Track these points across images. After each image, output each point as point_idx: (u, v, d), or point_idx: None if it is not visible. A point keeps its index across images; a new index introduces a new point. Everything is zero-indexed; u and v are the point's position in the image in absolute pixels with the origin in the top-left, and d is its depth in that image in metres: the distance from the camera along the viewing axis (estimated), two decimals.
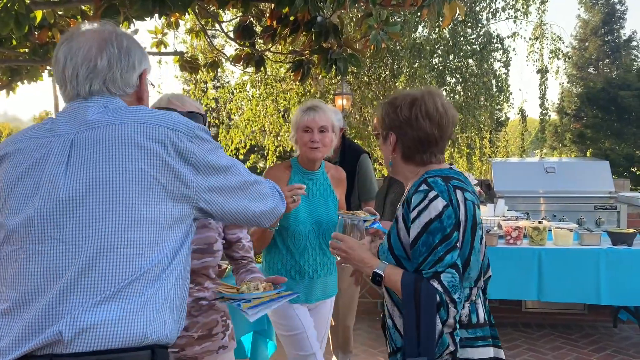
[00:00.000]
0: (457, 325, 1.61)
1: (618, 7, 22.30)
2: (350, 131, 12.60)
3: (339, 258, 1.89)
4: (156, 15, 2.60)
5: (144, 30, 3.86)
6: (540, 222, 4.26)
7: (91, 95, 1.33)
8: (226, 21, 4.27)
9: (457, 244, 1.62)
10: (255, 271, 2.08)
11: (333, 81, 10.38)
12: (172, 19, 3.86)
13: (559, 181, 5.21)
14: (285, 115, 12.05)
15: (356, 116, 12.31)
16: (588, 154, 9.59)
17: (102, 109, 1.32)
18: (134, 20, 2.65)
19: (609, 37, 22.06)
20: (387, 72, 11.63)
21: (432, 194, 1.63)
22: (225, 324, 2.03)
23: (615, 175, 6.97)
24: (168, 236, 1.26)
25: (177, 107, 1.90)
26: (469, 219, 1.67)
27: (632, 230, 4.35)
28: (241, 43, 3.62)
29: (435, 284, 1.57)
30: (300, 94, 11.61)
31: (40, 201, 1.22)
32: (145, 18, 2.47)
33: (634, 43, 22.22)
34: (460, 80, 11.69)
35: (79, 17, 3.28)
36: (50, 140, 1.29)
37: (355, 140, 12.96)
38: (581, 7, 11.95)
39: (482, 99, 11.42)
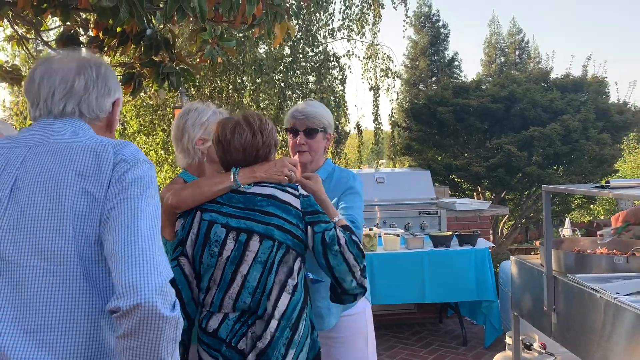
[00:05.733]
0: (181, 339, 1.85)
1: (442, 30, 24.80)
2: None
3: None
4: None
5: None
6: (370, 230, 4.55)
7: (63, 115, 1.35)
8: (51, 28, 4.01)
9: (181, 257, 1.83)
10: None
11: (173, 94, 10.10)
12: None
13: (388, 190, 5.60)
14: (121, 129, 11.47)
15: None
16: (416, 164, 10.53)
17: (72, 128, 1.34)
18: None
19: (435, 57, 24.40)
20: (230, 87, 11.63)
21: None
22: None
23: (437, 183, 7.70)
24: None
25: None
26: (200, 237, 1.83)
27: (449, 233, 4.82)
28: None
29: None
30: (137, 106, 11.14)
31: None
32: None
33: (456, 63, 24.89)
34: (301, 96, 12.07)
35: None
36: (10, 151, 1.31)
37: None
38: (406, 28, 12.99)
39: None
